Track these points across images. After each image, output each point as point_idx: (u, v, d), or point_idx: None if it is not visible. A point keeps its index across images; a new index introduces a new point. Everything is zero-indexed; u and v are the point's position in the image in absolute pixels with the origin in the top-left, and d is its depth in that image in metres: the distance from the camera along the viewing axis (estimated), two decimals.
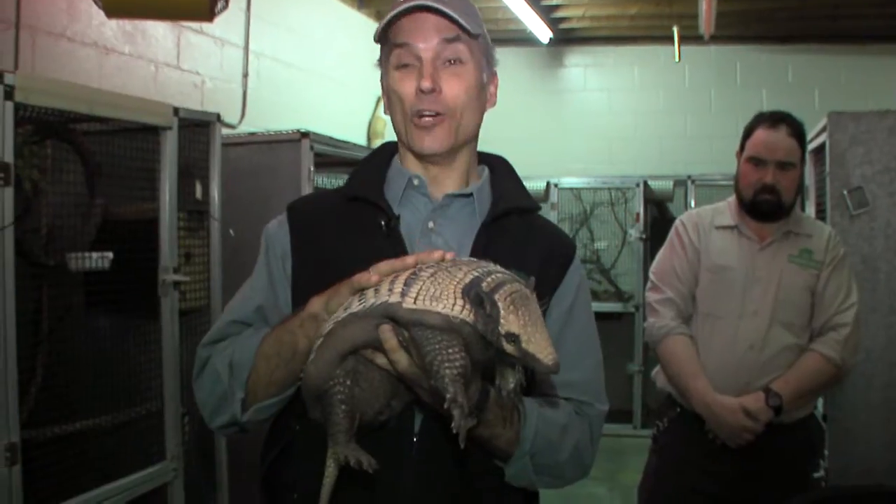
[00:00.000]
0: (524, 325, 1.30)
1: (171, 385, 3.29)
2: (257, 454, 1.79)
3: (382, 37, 1.75)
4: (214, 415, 1.74)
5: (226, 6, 3.81)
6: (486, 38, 1.77)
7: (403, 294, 1.36)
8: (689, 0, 6.69)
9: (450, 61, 1.71)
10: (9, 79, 2.55)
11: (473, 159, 1.85)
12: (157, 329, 3.28)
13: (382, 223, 1.72)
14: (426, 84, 1.67)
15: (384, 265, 1.47)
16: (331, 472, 1.50)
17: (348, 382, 1.44)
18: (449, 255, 1.44)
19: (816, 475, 3.31)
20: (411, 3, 1.67)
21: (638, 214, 7.72)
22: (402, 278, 1.39)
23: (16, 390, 2.57)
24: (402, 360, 1.39)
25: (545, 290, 1.68)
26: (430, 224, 1.75)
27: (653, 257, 6.54)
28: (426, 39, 1.69)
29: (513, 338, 1.30)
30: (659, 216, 8.16)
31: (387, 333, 1.39)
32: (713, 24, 6.74)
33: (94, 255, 2.95)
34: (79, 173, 3.12)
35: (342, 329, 1.44)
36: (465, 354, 1.32)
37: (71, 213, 3.09)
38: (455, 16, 1.67)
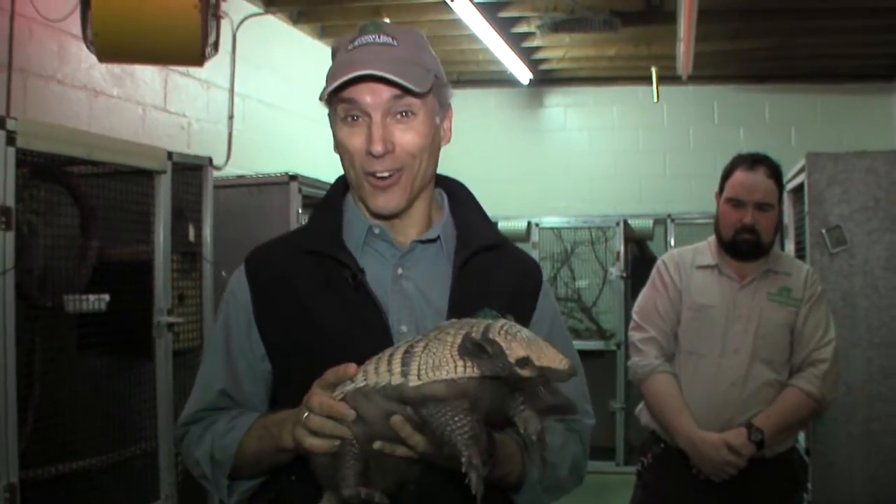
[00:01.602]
0: (528, 346, 1.34)
1: (165, 425, 3.33)
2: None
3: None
4: (202, 480, 1.81)
5: (216, 51, 3.88)
6: (438, 79, 1.71)
7: (405, 374, 1.38)
8: (667, 41, 6.80)
9: (401, 114, 1.66)
10: (11, 124, 2.61)
11: (432, 197, 1.84)
12: (151, 370, 3.32)
13: (348, 278, 1.69)
14: (377, 148, 1.63)
15: (331, 376, 1.48)
16: None
17: (357, 444, 1.47)
18: (353, 369, 1.45)
19: None
20: (355, 74, 1.61)
21: (618, 253, 7.76)
22: (397, 357, 1.41)
23: (15, 431, 2.61)
24: (420, 442, 1.42)
25: (523, 314, 1.71)
26: (400, 271, 1.74)
27: (633, 295, 6.61)
28: (374, 94, 1.63)
29: (524, 361, 1.33)
30: (639, 254, 8.22)
31: (399, 424, 1.41)
32: (691, 65, 6.87)
33: (91, 297, 2.99)
34: (73, 216, 3.16)
35: (353, 406, 1.45)
36: (471, 417, 1.35)
37: (65, 255, 3.13)
38: (404, 83, 1.61)
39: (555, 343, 1.71)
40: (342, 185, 1.85)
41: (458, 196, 1.87)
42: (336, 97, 1.66)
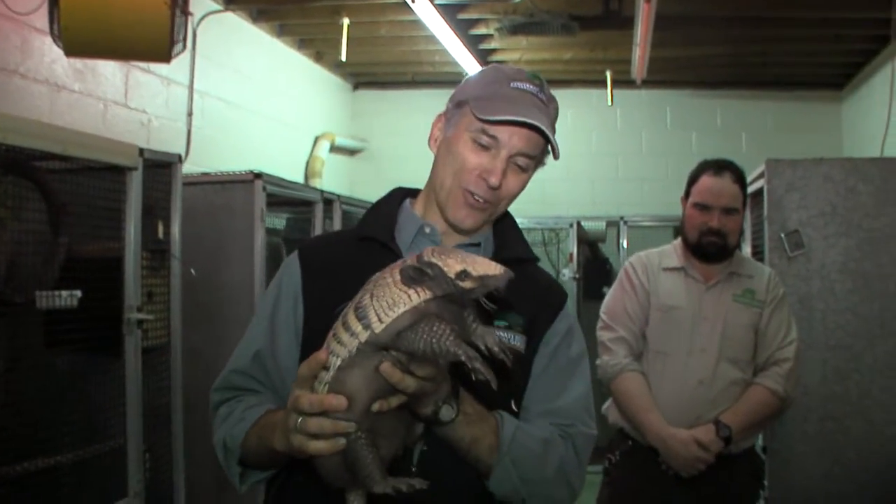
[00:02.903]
0: (463, 260, 1.42)
1: (134, 422, 3.31)
2: (214, 493, 1.85)
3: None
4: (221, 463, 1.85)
5: (183, 48, 3.87)
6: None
7: (367, 326, 1.42)
8: (622, 46, 6.88)
9: (519, 165, 1.79)
10: None
11: None
12: (119, 366, 3.29)
13: None
14: (494, 181, 1.75)
15: (304, 369, 1.50)
16: None
17: (366, 432, 1.48)
18: (323, 355, 1.48)
19: None
20: (527, 120, 1.73)
21: (571, 254, 7.81)
22: (352, 319, 1.45)
23: None
24: (410, 383, 1.45)
25: (536, 332, 1.83)
26: None
27: (586, 297, 6.69)
28: (514, 139, 1.76)
29: (463, 274, 1.40)
30: (591, 256, 8.31)
31: (389, 370, 1.43)
32: (645, 70, 6.95)
33: (64, 293, 2.96)
34: (42, 211, 3.13)
35: (341, 388, 1.46)
36: (446, 324, 1.40)
37: (34, 251, 3.09)
38: (555, 145, 1.78)
39: (557, 372, 1.84)
40: (399, 193, 1.97)
41: (504, 218, 1.96)
42: (478, 118, 1.77)
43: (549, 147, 1.82)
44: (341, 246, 1.89)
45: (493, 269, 1.42)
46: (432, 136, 1.89)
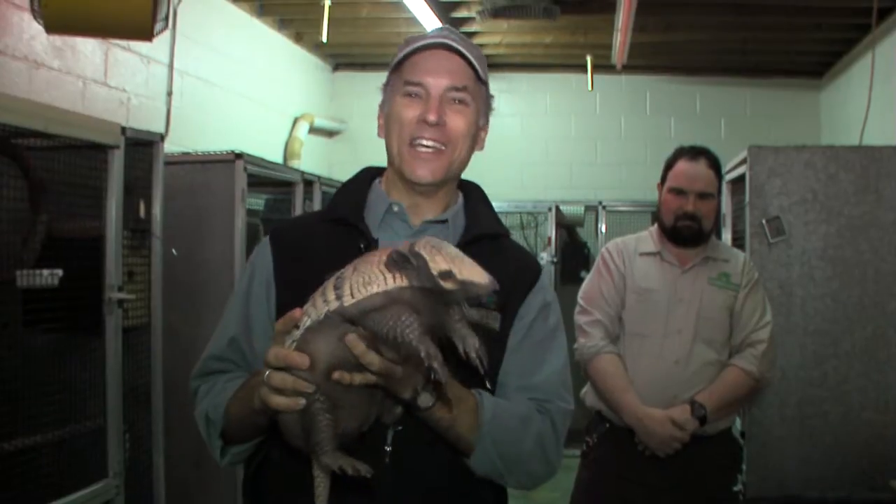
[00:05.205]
0: (452, 260, 1.41)
1: (114, 402, 3.30)
2: (190, 472, 1.86)
3: (395, 66, 1.85)
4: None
5: (165, 26, 3.86)
6: (488, 88, 1.90)
7: (339, 297, 1.43)
8: (603, 31, 6.89)
9: (455, 100, 1.81)
10: None
11: (453, 190, 1.95)
12: (99, 346, 3.27)
13: (361, 246, 1.77)
14: (432, 117, 1.77)
15: (279, 325, 1.54)
16: (322, 486, 1.55)
17: (324, 397, 1.48)
18: (297, 313, 1.50)
19: (735, 488, 3.50)
20: (432, 41, 1.80)
21: (549, 238, 7.84)
22: (329, 287, 1.46)
23: None
24: (374, 360, 1.44)
25: (511, 308, 1.83)
26: None
27: (563, 281, 6.73)
28: (437, 79, 1.80)
29: (447, 274, 1.40)
30: (568, 240, 8.33)
31: (353, 341, 1.44)
32: (626, 55, 6.97)
33: (45, 272, 2.94)
34: (21, 188, 3.09)
35: (306, 347, 1.48)
36: (416, 316, 1.40)
37: (11, 228, 3.06)
38: (472, 59, 1.81)
39: (532, 347, 1.84)
40: (368, 173, 1.99)
41: (473, 193, 1.99)
42: (401, 74, 1.83)
43: (483, 83, 1.86)
44: (312, 228, 1.89)
45: (480, 276, 1.41)
46: (379, 126, 1.91)
